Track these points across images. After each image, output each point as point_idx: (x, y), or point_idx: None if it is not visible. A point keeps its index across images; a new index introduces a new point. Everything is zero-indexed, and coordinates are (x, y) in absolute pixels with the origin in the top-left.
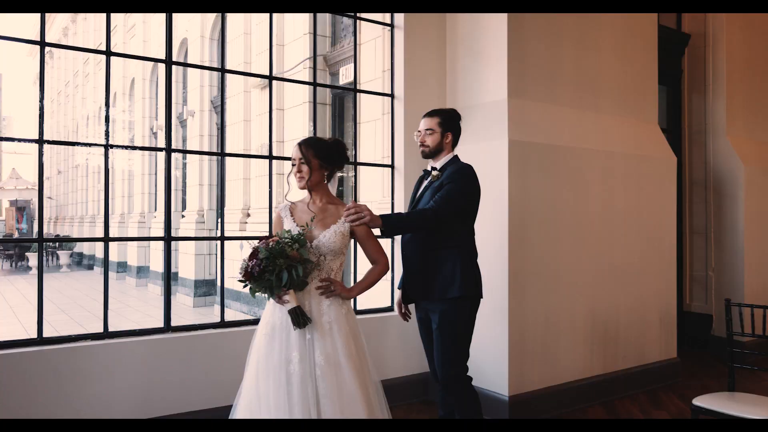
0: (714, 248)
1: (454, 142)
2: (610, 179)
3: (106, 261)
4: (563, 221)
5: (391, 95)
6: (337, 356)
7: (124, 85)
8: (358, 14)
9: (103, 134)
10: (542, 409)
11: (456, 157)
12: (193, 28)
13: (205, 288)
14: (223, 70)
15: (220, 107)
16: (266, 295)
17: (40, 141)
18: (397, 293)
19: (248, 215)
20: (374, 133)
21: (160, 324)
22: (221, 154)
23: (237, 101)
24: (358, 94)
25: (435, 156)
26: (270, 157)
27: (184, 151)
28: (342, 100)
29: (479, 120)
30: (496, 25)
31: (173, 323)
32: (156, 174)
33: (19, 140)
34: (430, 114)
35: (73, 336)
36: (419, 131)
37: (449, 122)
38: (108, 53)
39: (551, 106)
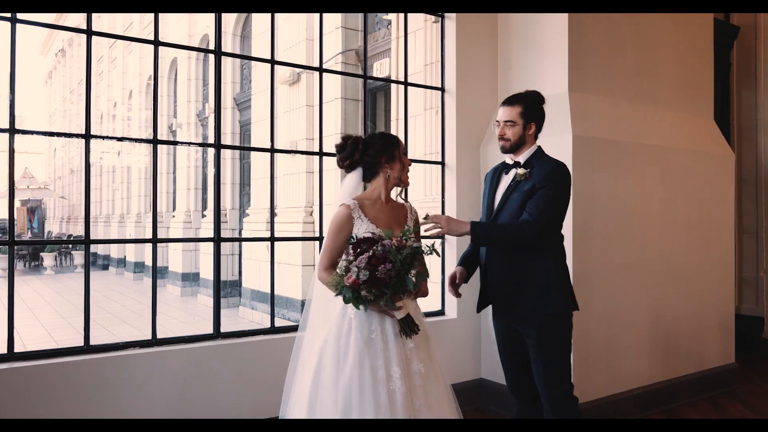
0: (766, 248)
1: (538, 132)
2: (671, 176)
3: (154, 265)
4: (626, 220)
5: (442, 89)
6: (431, 362)
7: (140, 83)
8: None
9: (116, 131)
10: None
11: (540, 149)
12: (213, 24)
13: (227, 289)
14: (273, 62)
15: (270, 101)
16: (362, 306)
17: (87, 136)
18: (455, 268)
19: (275, 214)
20: (415, 128)
21: (187, 326)
22: (271, 150)
23: (263, 97)
24: (398, 88)
25: (517, 150)
26: (320, 153)
27: (234, 147)
28: (374, 96)
29: None
30: (555, 15)
31: (200, 326)
32: (175, 173)
33: (67, 135)
34: (510, 102)
35: (121, 344)
36: (497, 121)
37: (533, 110)
38: (156, 43)
39: (611, 100)
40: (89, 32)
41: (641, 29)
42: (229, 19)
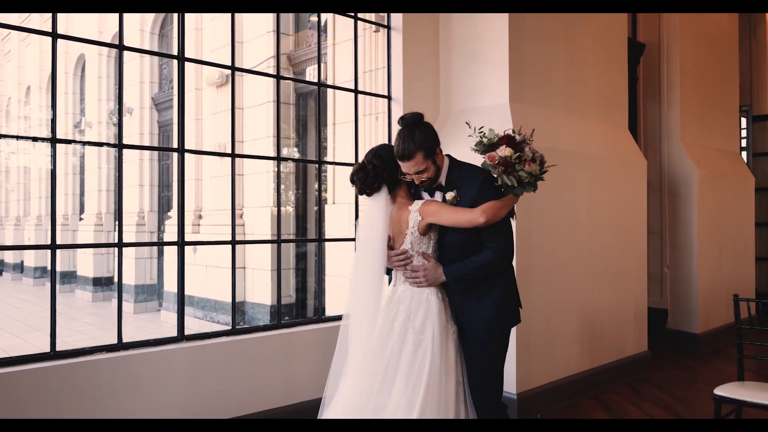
0: (669, 247)
1: (440, 147)
2: (596, 182)
3: (119, 272)
4: (561, 224)
5: (388, 97)
6: None
7: (40, 79)
8: (358, 15)
9: (10, 129)
10: (545, 405)
11: (451, 159)
12: (131, 22)
13: (146, 294)
14: (233, 69)
15: (231, 105)
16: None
17: (53, 140)
18: None
19: (200, 217)
20: (352, 133)
21: (106, 332)
22: (232, 155)
23: (187, 98)
24: (334, 93)
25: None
26: (278, 158)
27: (197, 152)
28: (306, 100)
29: (479, 124)
30: (495, 26)
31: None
32: (83, 173)
33: (33, 139)
34: (407, 156)
35: (88, 348)
36: (408, 174)
37: (428, 143)
38: (120, 47)
39: (546, 109)
40: (54, 35)
41: (570, 43)
42: (147, 18)
